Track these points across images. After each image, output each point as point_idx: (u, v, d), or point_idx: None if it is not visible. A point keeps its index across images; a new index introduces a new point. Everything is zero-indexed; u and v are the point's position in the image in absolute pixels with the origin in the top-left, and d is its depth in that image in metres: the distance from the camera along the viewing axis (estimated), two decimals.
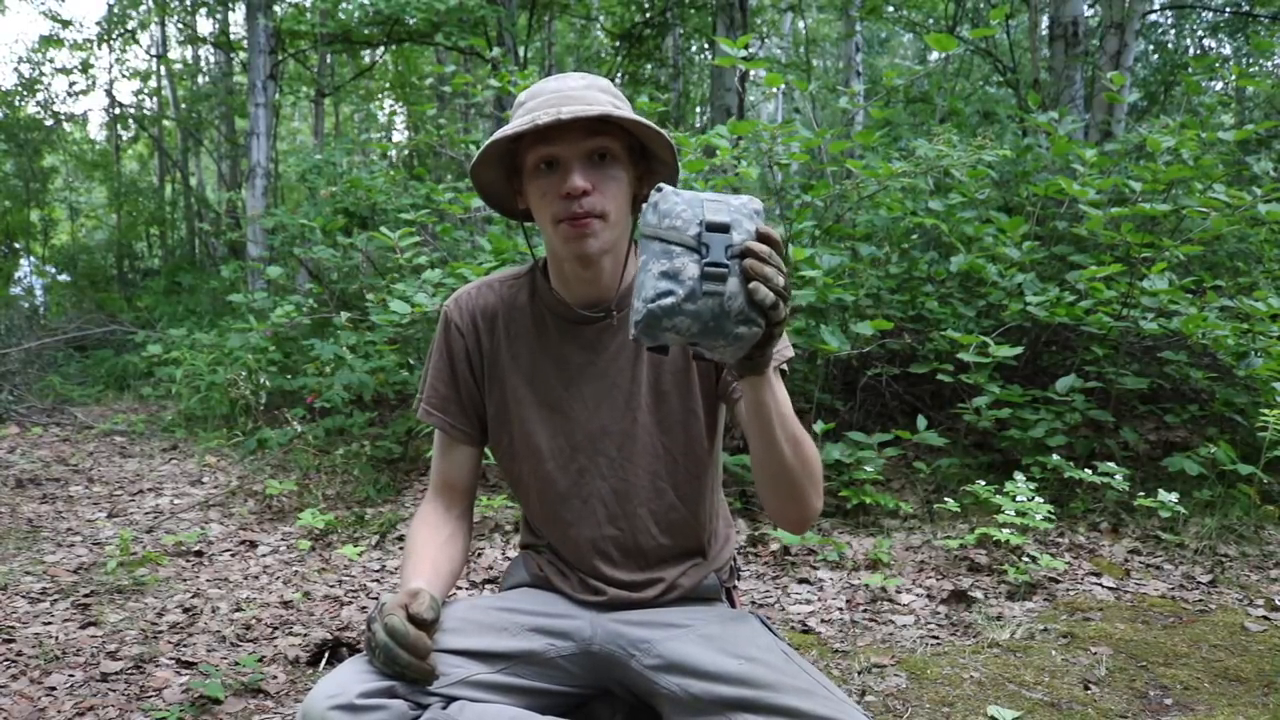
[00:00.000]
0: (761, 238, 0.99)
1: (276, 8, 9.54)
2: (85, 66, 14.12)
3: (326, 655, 2.23)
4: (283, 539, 3.31)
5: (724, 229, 0.97)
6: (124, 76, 16.54)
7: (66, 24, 14.46)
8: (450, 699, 1.17)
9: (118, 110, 15.45)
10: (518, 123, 1.19)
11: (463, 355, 1.38)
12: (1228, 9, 10.01)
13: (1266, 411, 3.11)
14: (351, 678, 1.12)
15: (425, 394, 1.40)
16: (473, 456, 1.41)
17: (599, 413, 1.33)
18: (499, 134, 1.21)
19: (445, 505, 1.40)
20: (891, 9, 11.98)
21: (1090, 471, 3.12)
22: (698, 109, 14.56)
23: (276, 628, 2.43)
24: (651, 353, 1.26)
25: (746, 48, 3.67)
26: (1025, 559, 2.80)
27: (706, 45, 12.73)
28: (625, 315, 1.33)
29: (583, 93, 1.22)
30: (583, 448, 1.34)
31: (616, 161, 1.24)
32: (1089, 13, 8.17)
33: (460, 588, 2.81)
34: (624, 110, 1.22)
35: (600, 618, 1.33)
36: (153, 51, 15.30)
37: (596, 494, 1.34)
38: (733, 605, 1.48)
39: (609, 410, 1.33)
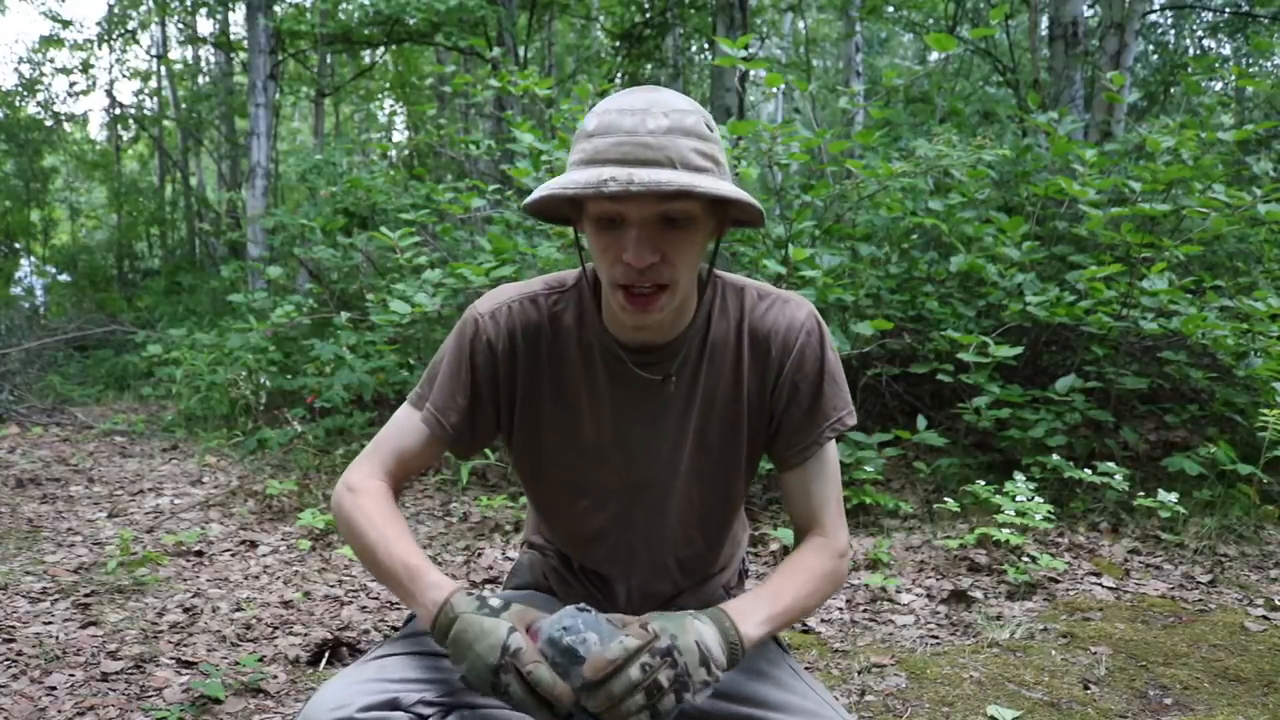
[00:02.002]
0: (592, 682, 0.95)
1: (276, 8, 9.54)
2: (85, 67, 14.14)
3: (327, 655, 2.24)
4: (283, 539, 3.31)
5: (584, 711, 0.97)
6: (124, 77, 16.60)
7: (67, 24, 14.49)
8: (453, 708, 1.16)
9: (118, 110, 15.47)
10: (580, 176, 1.01)
11: (488, 376, 1.22)
12: (1227, 9, 10.02)
13: (1266, 411, 3.11)
14: (354, 690, 1.08)
15: (435, 397, 1.22)
16: (440, 452, 1.26)
17: (641, 463, 1.22)
18: (560, 187, 1.02)
19: (394, 484, 1.24)
20: (891, 9, 11.98)
21: (1090, 471, 3.12)
22: None
23: (277, 627, 2.44)
24: (703, 400, 1.20)
25: (746, 48, 3.67)
26: (1025, 559, 2.80)
27: (706, 45, 12.74)
28: (689, 356, 1.20)
29: (664, 142, 1.02)
30: (619, 495, 1.24)
31: (692, 222, 1.06)
32: (1089, 13, 8.17)
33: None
34: (707, 174, 1.04)
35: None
36: (153, 52, 15.30)
37: (626, 543, 1.27)
38: None
39: (652, 461, 1.22)
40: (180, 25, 15.11)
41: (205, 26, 15.38)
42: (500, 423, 1.27)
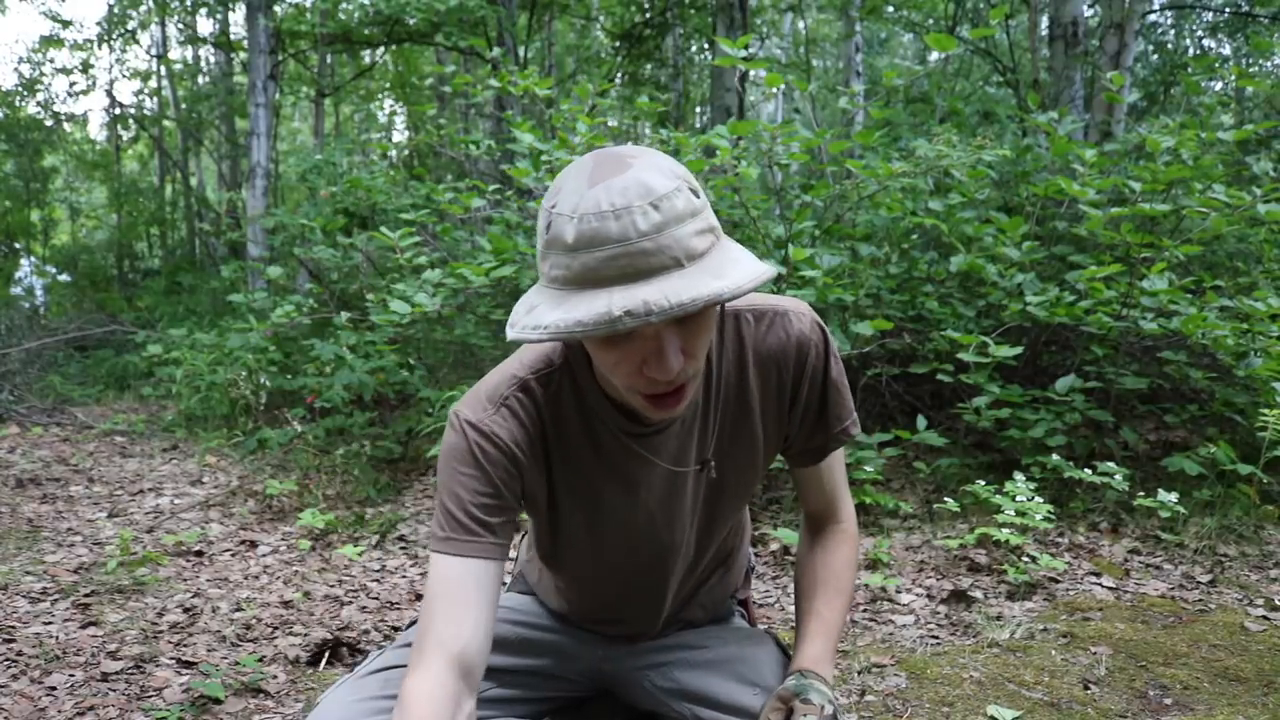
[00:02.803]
0: None
1: (277, 8, 9.54)
2: (85, 67, 14.13)
3: (327, 655, 2.24)
4: (283, 539, 3.31)
5: None
6: (124, 77, 16.57)
7: (67, 24, 14.45)
8: None
9: (118, 110, 15.46)
10: (586, 311, 0.86)
11: (503, 480, 1.08)
12: (1227, 9, 10.01)
13: (1266, 411, 3.11)
14: (357, 710, 1.08)
15: (457, 525, 1.06)
16: (498, 580, 1.09)
17: (668, 529, 1.18)
18: (560, 326, 0.87)
19: (457, 689, 1.01)
20: (891, 9, 11.98)
21: (1090, 471, 3.12)
22: (698, 109, 14.57)
23: (277, 627, 2.44)
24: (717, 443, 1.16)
25: (746, 48, 3.67)
26: (1025, 559, 2.80)
27: (706, 45, 12.73)
28: (697, 396, 1.13)
29: (660, 241, 0.87)
30: (649, 564, 1.21)
31: (706, 311, 0.95)
32: (1089, 13, 8.17)
33: None
34: (717, 243, 0.92)
35: (618, 649, 1.31)
36: (153, 52, 15.30)
37: (657, 598, 1.25)
38: (749, 618, 1.47)
39: (678, 524, 1.18)
40: (180, 25, 15.10)
41: (205, 26, 15.40)
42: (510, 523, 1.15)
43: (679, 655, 1.26)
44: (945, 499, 3.19)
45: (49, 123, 14.13)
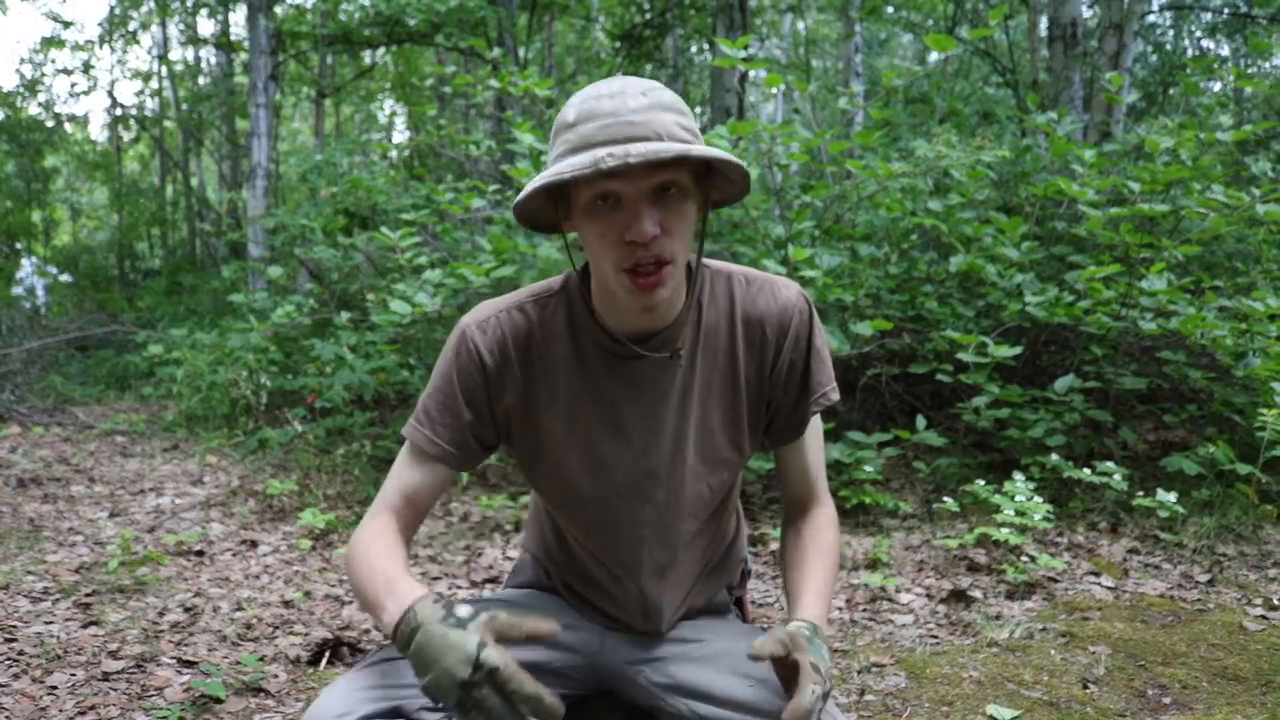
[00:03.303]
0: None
1: (277, 9, 9.55)
2: (87, 67, 14.13)
3: (327, 655, 2.24)
4: (283, 538, 3.32)
5: None
6: (125, 77, 16.61)
7: (68, 25, 14.50)
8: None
9: (119, 111, 15.47)
10: (573, 161, 1.03)
11: (480, 384, 1.21)
12: (1226, 10, 10.02)
13: (1265, 411, 3.11)
14: (357, 698, 1.08)
15: (420, 415, 1.23)
16: (443, 478, 1.24)
17: (646, 457, 1.22)
18: (555, 174, 1.04)
19: (402, 523, 1.21)
20: (891, 10, 11.99)
21: (1089, 471, 3.12)
22: (698, 109, 14.56)
23: (277, 627, 2.44)
24: (702, 387, 1.23)
25: (746, 48, 3.68)
26: (1024, 558, 2.81)
27: (706, 46, 12.74)
28: (686, 352, 1.22)
29: (647, 116, 1.05)
30: (627, 494, 1.23)
31: (684, 193, 1.09)
32: (1088, 13, 8.18)
33: (460, 586, 2.81)
34: (696, 141, 1.09)
35: (618, 638, 1.32)
36: (154, 52, 15.31)
37: (640, 540, 1.25)
38: (743, 614, 1.48)
39: (656, 453, 1.22)
40: (181, 26, 15.11)
41: (206, 27, 15.41)
42: (499, 434, 1.25)
43: (674, 650, 1.28)
44: (945, 499, 3.19)
45: (50, 123, 14.15)
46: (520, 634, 1.01)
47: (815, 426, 1.32)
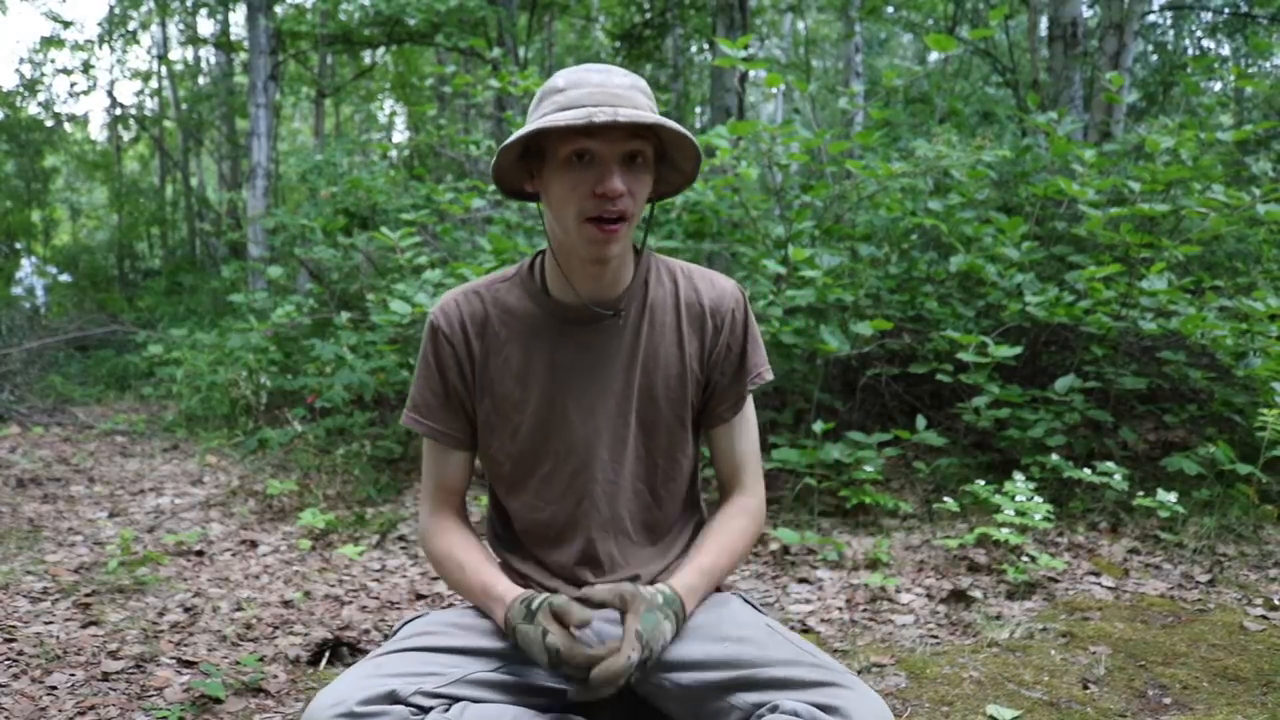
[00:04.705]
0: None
1: (277, 9, 9.55)
2: (86, 67, 14.13)
3: (327, 655, 2.24)
4: (283, 539, 3.31)
5: None
6: (125, 77, 16.60)
7: (68, 25, 14.48)
8: (452, 699, 1.17)
9: (119, 111, 15.48)
10: (566, 115, 1.15)
11: (452, 362, 1.36)
12: (1226, 9, 10.02)
13: (1265, 411, 3.11)
14: (351, 686, 1.12)
15: (412, 402, 1.39)
16: (466, 460, 1.41)
17: (593, 416, 1.33)
18: (550, 121, 1.15)
19: (454, 512, 1.41)
20: (891, 9, 11.99)
21: (1089, 471, 3.12)
22: (698, 109, 14.56)
23: (277, 627, 2.44)
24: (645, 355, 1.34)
25: (746, 48, 3.68)
26: (1024, 558, 2.80)
27: (706, 46, 12.73)
28: (630, 316, 1.34)
29: (629, 94, 1.20)
30: (577, 451, 1.34)
31: (645, 165, 1.23)
32: (1088, 13, 8.18)
33: None
34: (669, 119, 1.23)
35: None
36: (154, 52, 15.31)
37: (589, 494, 1.35)
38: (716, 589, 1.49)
39: (603, 414, 1.33)
40: (181, 26, 15.11)
41: (206, 27, 15.40)
42: (469, 409, 1.38)
43: None
44: (945, 499, 3.19)
45: (50, 123, 14.15)
46: (572, 617, 1.17)
47: (749, 414, 1.43)
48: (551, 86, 1.23)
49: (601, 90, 1.19)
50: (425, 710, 1.14)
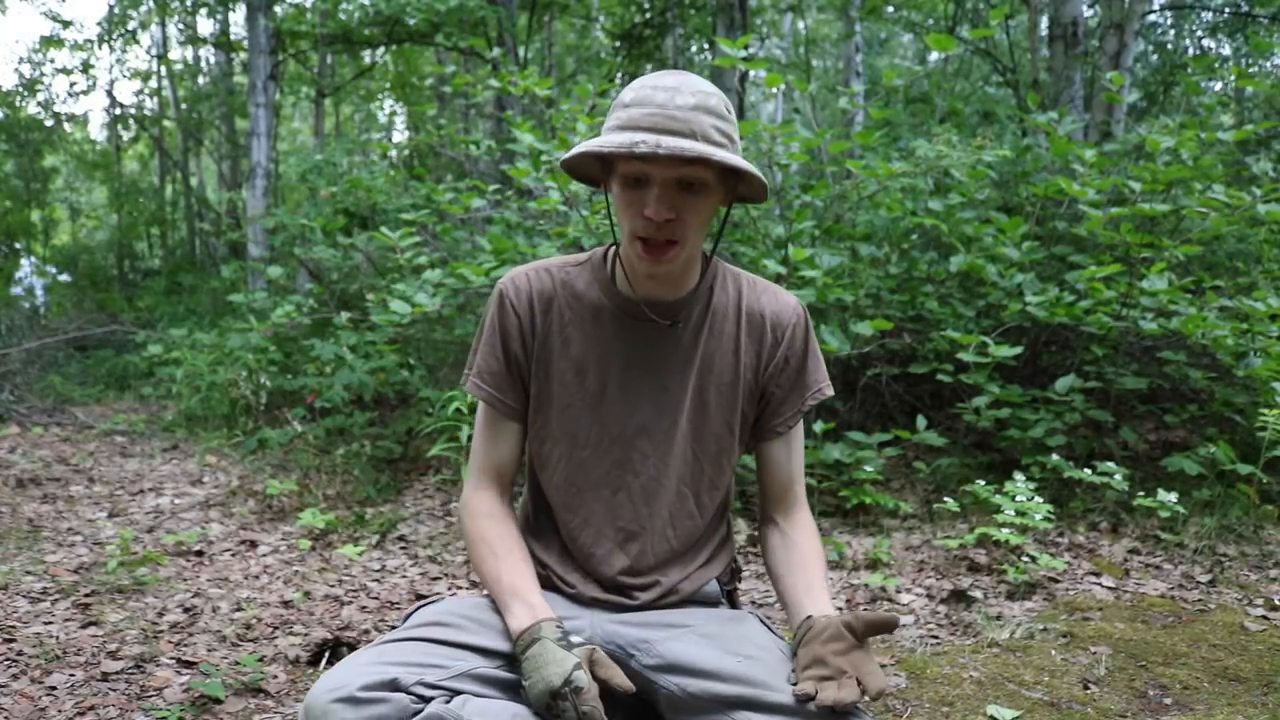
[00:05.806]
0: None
1: (277, 8, 9.54)
2: (86, 67, 14.12)
3: (327, 655, 2.24)
4: (283, 539, 3.31)
5: None
6: (124, 77, 16.57)
7: (67, 24, 14.47)
8: (453, 692, 1.17)
9: (118, 110, 15.46)
10: (615, 139, 1.18)
11: (515, 333, 1.37)
12: (1227, 9, 10.02)
13: (1265, 411, 3.11)
14: (353, 671, 1.12)
15: (475, 368, 1.39)
16: (519, 436, 1.41)
17: (642, 409, 1.35)
18: (599, 145, 1.18)
19: (499, 493, 1.40)
20: (891, 9, 11.98)
21: (1090, 471, 3.12)
22: None
23: (277, 627, 2.44)
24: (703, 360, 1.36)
25: (746, 48, 3.67)
26: (1025, 559, 2.80)
27: (706, 45, 12.73)
28: (691, 320, 1.36)
29: (689, 116, 1.19)
30: (621, 441, 1.36)
31: (705, 189, 1.24)
32: (1088, 13, 8.18)
33: (460, 586, 2.81)
34: (723, 149, 1.21)
35: (599, 617, 1.34)
36: (153, 52, 15.29)
37: (626, 487, 1.36)
38: (733, 607, 1.49)
39: (652, 409, 1.35)
40: (180, 25, 15.10)
41: (206, 27, 15.39)
42: (526, 381, 1.39)
43: (664, 633, 1.29)
44: (945, 499, 3.19)
45: (49, 123, 14.13)
46: (606, 675, 1.18)
47: (800, 430, 1.44)
48: (621, 100, 1.24)
49: (661, 113, 1.19)
50: (426, 700, 1.14)
